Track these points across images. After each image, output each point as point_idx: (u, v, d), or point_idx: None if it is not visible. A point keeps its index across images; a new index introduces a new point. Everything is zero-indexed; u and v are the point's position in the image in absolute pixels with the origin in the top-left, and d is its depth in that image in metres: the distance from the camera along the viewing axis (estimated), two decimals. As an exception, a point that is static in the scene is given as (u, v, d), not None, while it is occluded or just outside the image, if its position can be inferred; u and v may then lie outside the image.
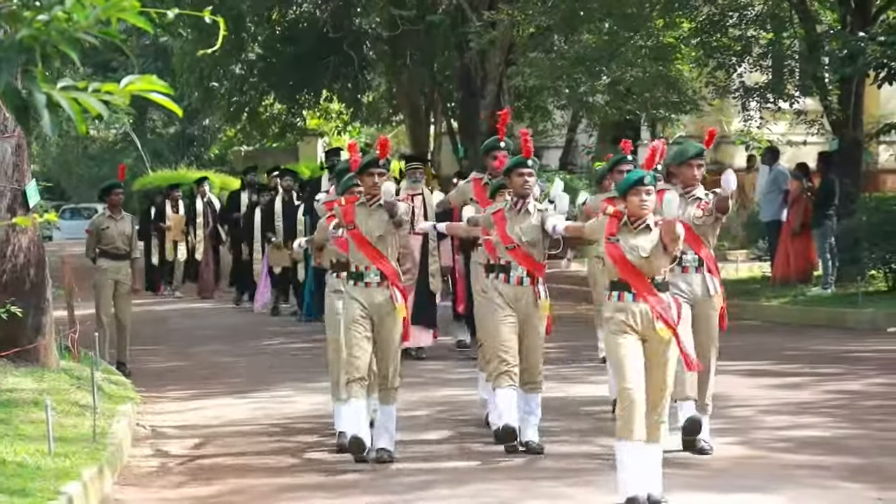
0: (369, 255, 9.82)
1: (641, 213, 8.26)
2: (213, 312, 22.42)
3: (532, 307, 10.05)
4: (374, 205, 9.88)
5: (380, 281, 9.82)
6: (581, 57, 23.33)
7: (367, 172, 9.92)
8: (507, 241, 10.06)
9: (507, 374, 9.91)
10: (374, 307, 9.80)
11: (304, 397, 13.11)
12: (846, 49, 19.65)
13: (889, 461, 9.56)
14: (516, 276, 10.06)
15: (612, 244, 8.28)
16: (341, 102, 33.33)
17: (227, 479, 9.57)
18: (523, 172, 10.15)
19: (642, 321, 8.16)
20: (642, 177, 8.27)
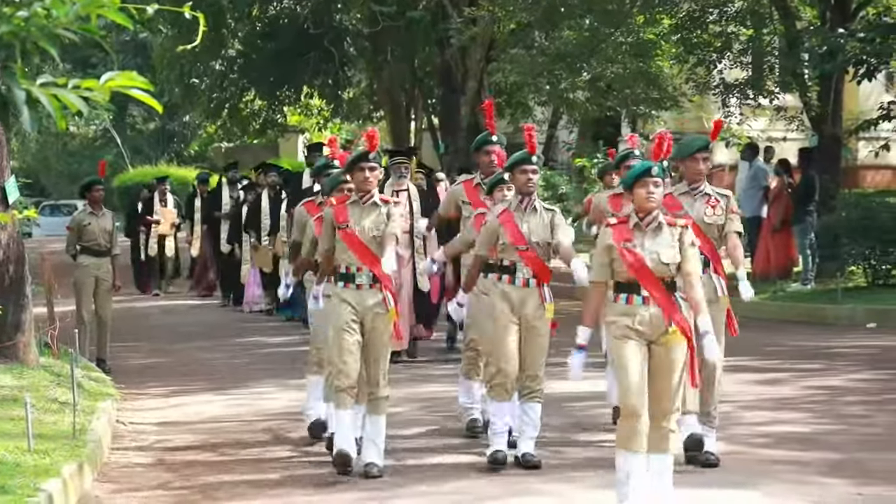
0: (361, 256, 9.30)
1: (649, 207, 7.80)
2: (193, 309, 22.38)
3: (538, 311, 9.43)
4: (368, 202, 9.40)
5: (371, 283, 9.31)
6: (561, 53, 23.38)
7: (358, 167, 9.39)
8: (521, 242, 9.40)
9: (504, 385, 9.38)
10: (365, 310, 9.28)
11: (283, 393, 13.10)
12: (826, 45, 19.71)
13: (868, 456, 9.59)
14: (522, 278, 9.43)
15: (630, 251, 7.78)
16: (322, 98, 33.31)
17: (207, 476, 9.56)
18: (527, 170, 9.49)
19: (651, 324, 7.72)
20: (649, 167, 7.82)
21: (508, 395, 9.41)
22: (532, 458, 9.37)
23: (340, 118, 36.39)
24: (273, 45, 29.63)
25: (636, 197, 7.84)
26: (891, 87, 28.41)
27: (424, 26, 26.53)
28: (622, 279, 7.81)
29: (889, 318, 17.53)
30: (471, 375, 10.60)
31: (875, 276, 19.41)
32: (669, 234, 7.84)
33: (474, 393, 10.55)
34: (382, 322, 9.33)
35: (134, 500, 8.95)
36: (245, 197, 21.66)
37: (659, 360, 7.74)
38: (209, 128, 40.20)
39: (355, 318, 9.27)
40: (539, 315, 9.43)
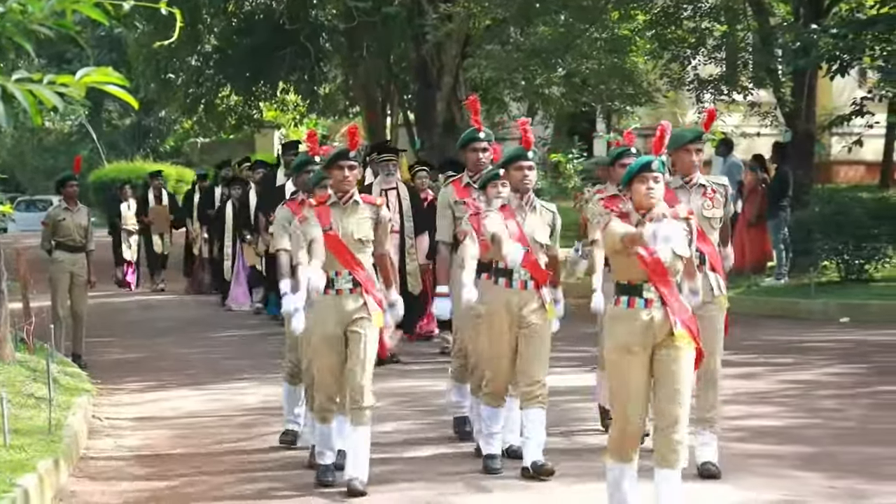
0: (343, 260, 8.70)
1: (649, 203, 7.28)
2: (170, 304, 22.34)
3: (538, 313, 8.90)
4: (348, 202, 8.81)
5: (352, 287, 8.71)
6: (537, 49, 23.39)
7: (337, 166, 8.79)
8: (523, 242, 8.82)
9: (499, 392, 9.02)
10: (346, 315, 8.67)
11: (259, 389, 13.09)
12: (799, 41, 19.75)
13: (842, 450, 9.63)
14: (520, 280, 8.89)
15: (646, 248, 7.17)
16: (298, 94, 33.25)
17: (183, 471, 9.55)
18: (523, 166, 8.95)
19: (653, 328, 7.21)
20: (649, 162, 7.33)
21: (503, 401, 9.09)
22: (544, 465, 8.79)
23: (316, 114, 36.34)
24: (249, 41, 29.56)
25: (635, 193, 7.35)
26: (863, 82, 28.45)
27: (400, 22, 26.49)
28: (623, 280, 7.31)
29: (862, 312, 17.60)
30: (462, 379, 10.11)
31: (848, 271, 19.47)
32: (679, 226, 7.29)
33: (466, 393, 10.06)
34: (365, 327, 8.67)
35: (110, 494, 8.93)
36: (230, 193, 21.11)
37: (665, 366, 7.23)
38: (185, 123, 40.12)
39: (337, 327, 8.68)
40: (540, 316, 8.90)
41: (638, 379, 7.24)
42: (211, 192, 22.94)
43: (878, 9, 19.84)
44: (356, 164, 8.92)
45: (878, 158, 33.54)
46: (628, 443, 7.34)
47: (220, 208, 21.53)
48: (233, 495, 8.79)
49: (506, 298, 8.88)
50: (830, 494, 8.29)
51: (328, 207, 8.79)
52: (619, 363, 7.25)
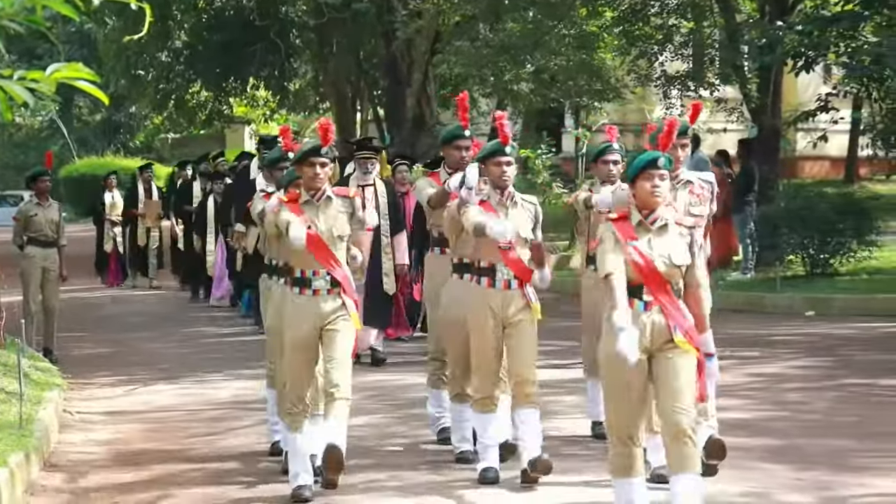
0: (321, 258, 8.22)
1: (653, 203, 6.91)
2: (143, 299, 22.25)
3: (524, 311, 8.49)
4: (321, 199, 8.32)
5: (330, 288, 8.24)
6: (506, 46, 23.42)
7: (308, 162, 8.29)
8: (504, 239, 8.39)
9: (490, 398, 8.58)
10: (323, 317, 8.22)
11: (231, 383, 13.06)
12: (765, 38, 19.81)
13: (808, 442, 9.66)
14: (503, 280, 8.47)
15: (638, 252, 6.87)
16: (268, 90, 33.19)
17: (154, 465, 9.52)
18: (501, 161, 8.52)
19: (652, 333, 6.84)
20: (655, 158, 6.94)
21: (495, 406, 8.60)
22: (542, 459, 8.33)
23: (286, 109, 36.28)
24: (219, 37, 29.49)
25: (639, 191, 6.94)
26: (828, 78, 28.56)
27: (370, 18, 26.47)
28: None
29: (827, 306, 17.67)
30: (438, 385, 9.65)
31: (813, 265, 19.54)
32: (678, 234, 6.99)
33: (444, 401, 9.55)
34: (342, 326, 8.22)
35: (81, 488, 8.89)
36: (212, 188, 20.50)
37: (664, 370, 6.84)
38: (155, 119, 39.97)
39: (312, 330, 8.22)
40: (525, 314, 8.50)
41: (637, 385, 6.85)
42: (189, 187, 22.43)
43: (843, 6, 19.90)
44: (328, 161, 8.41)
45: (842, 154, 33.70)
46: (631, 458, 6.92)
47: (202, 203, 20.98)
48: (204, 488, 8.76)
49: (489, 299, 8.47)
50: (797, 486, 8.31)
51: (301, 207, 8.28)
52: (618, 368, 6.75)
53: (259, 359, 13.91)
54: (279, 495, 8.45)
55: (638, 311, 6.82)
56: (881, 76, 18.95)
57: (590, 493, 8.22)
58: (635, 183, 6.97)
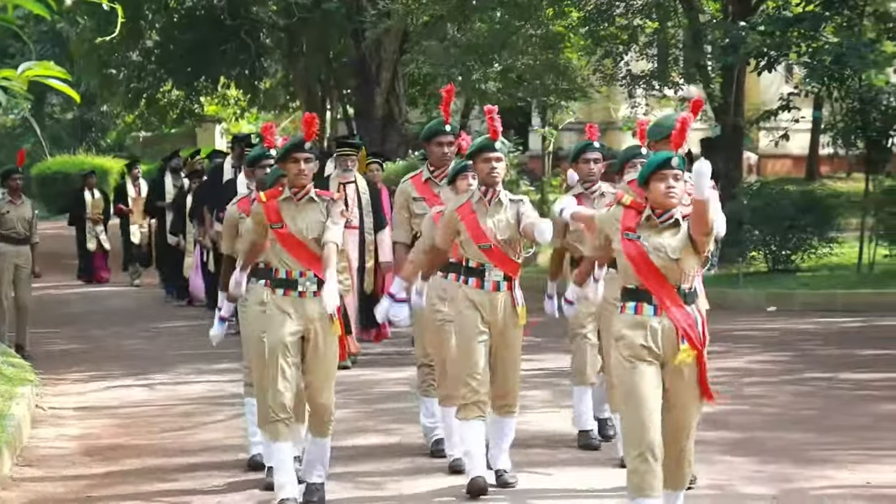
0: (304, 260, 7.74)
1: (668, 204, 6.57)
2: (114, 296, 22.16)
3: (509, 318, 8.14)
4: (303, 198, 7.83)
5: (316, 290, 7.71)
6: (473, 45, 23.42)
7: (292, 158, 7.80)
8: (482, 239, 8.05)
9: (477, 404, 8.10)
10: (309, 321, 7.72)
11: (202, 379, 13.04)
12: (728, 38, 19.89)
13: (769, 435, 9.71)
14: (492, 281, 8.09)
15: (631, 242, 6.60)
16: (238, 89, 33.14)
17: (126, 460, 9.50)
18: (490, 157, 8.11)
19: (664, 341, 6.52)
20: (668, 158, 6.61)
21: (483, 414, 8.15)
22: (508, 476, 8.19)
23: (257, 108, 36.22)
24: (190, 37, 29.41)
25: (653, 192, 6.60)
26: (790, 78, 28.72)
27: (339, 18, 26.45)
28: (630, 283, 6.62)
29: (788, 301, 17.76)
30: (429, 392, 9.20)
31: (775, 262, 19.63)
32: (686, 230, 6.62)
33: (435, 411, 9.13)
34: (329, 333, 7.78)
35: (53, 483, 8.86)
36: (189, 186, 19.95)
37: (673, 388, 6.59)
38: (127, 117, 39.81)
39: (295, 333, 7.73)
40: (511, 321, 8.13)
41: (651, 390, 6.50)
42: (161, 184, 21.91)
43: (804, 6, 20.01)
44: (312, 157, 7.90)
45: (804, 152, 33.84)
46: (652, 475, 6.47)
47: (178, 202, 20.29)
48: (175, 482, 8.75)
49: (476, 300, 8.10)
50: (758, 478, 8.35)
51: (279, 203, 7.82)
52: (630, 374, 6.49)
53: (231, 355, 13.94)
54: (249, 489, 8.45)
55: (648, 315, 6.54)
56: (841, 76, 19.06)
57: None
58: (648, 184, 6.61)
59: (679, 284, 6.58)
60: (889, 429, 10.07)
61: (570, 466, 8.76)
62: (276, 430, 7.70)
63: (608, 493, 7.97)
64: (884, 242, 19.23)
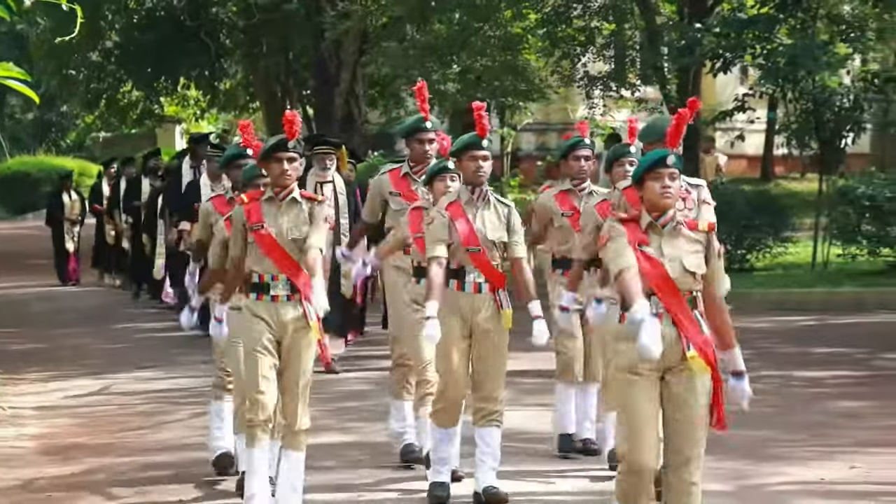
0: (280, 263, 7.43)
1: (664, 204, 6.21)
2: (75, 295, 22.04)
3: (493, 320, 7.73)
4: (286, 199, 7.49)
5: (290, 294, 7.43)
6: (432, 46, 23.42)
7: (274, 158, 7.44)
8: (474, 242, 7.71)
9: (448, 412, 7.83)
10: (283, 326, 7.42)
11: (163, 377, 12.99)
12: (684, 40, 19.96)
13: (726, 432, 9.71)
14: (473, 282, 7.73)
15: (647, 257, 6.17)
16: (198, 90, 33.02)
17: (86, 459, 9.46)
18: (477, 156, 7.76)
19: (667, 350, 6.06)
20: (664, 156, 6.25)
21: (455, 421, 7.87)
22: (496, 491, 7.74)
23: (217, 109, 36.12)
24: (150, 37, 29.28)
25: (648, 192, 6.24)
26: (745, 79, 28.84)
27: (299, 19, 26.40)
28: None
29: (744, 300, 17.77)
30: (401, 395, 8.91)
31: (731, 261, 19.70)
32: (692, 238, 6.30)
33: (406, 415, 8.83)
34: (304, 340, 7.45)
35: (13, 482, 8.81)
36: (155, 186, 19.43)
37: (677, 395, 6.20)
38: (87, 118, 39.64)
39: (271, 336, 7.43)
40: (495, 324, 7.73)
41: (648, 406, 6.15)
42: (137, 183, 21.20)
43: (759, 9, 20.11)
44: (296, 156, 7.52)
45: (758, 152, 33.99)
46: (643, 491, 6.20)
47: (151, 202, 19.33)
48: (135, 481, 8.71)
49: (457, 303, 7.72)
50: (716, 475, 8.36)
51: (261, 203, 7.51)
52: (626, 388, 6.15)
53: (191, 354, 13.91)
54: (208, 486, 8.42)
55: None
56: (795, 77, 19.15)
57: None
58: (643, 183, 6.27)
59: (686, 292, 6.24)
60: (842, 426, 10.13)
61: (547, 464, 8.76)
62: (253, 435, 7.41)
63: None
64: (837, 242, 19.32)
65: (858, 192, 18.66)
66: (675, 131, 6.50)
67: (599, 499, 7.80)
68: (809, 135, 20.16)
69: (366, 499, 8.09)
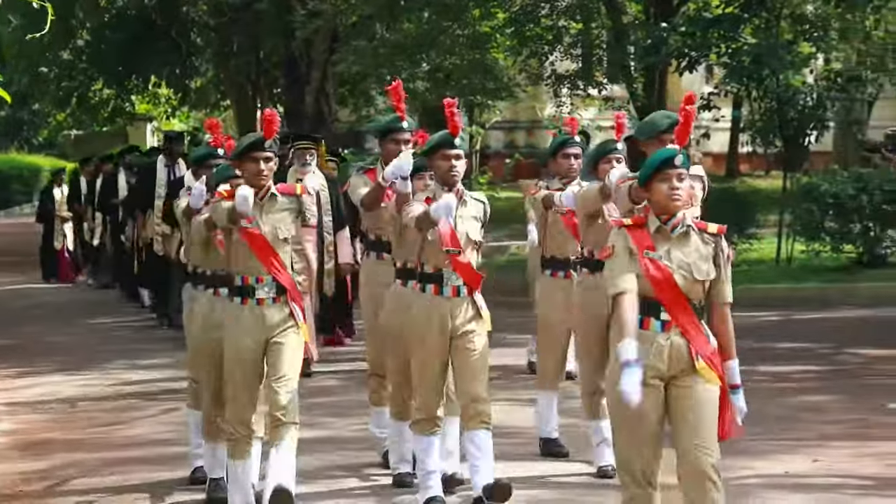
0: (266, 262, 7.13)
1: (672, 207, 5.86)
2: (44, 292, 21.92)
3: (473, 323, 7.39)
4: (264, 198, 7.22)
5: (276, 296, 7.16)
6: (402, 45, 23.40)
7: (250, 157, 7.18)
8: (455, 244, 7.33)
9: (430, 420, 7.48)
10: (268, 329, 7.14)
11: (133, 374, 12.94)
12: (650, 39, 19.99)
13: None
14: (452, 286, 7.34)
15: (654, 262, 5.83)
16: (169, 88, 32.93)
17: (56, 454, 9.42)
18: (449, 154, 7.37)
19: (671, 358, 5.82)
20: (671, 155, 5.90)
21: (438, 428, 7.51)
22: (497, 481, 7.37)
23: (188, 107, 36.02)
24: (121, 36, 29.18)
25: (655, 193, 5.89)
26: (710, 78, 28.90)
27: (269, 18, 26.34)
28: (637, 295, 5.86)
29: (709, 296, 17.88)
30: (381, 403, 8.62)
31: (696, 257, 19.77)
32: (701, 243, 5.96)
33: (386, 420, 8.52)
34: (291, 338, 7.17)
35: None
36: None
37: (683, 402, 5.85)
38: (58, 116, 39.47)
39: (256, 342, 7.14)
40: (474, 326, 7.38)
41: (652, 417, 5.83)
42: (114, 180, 20.67)
43: (724, 8, 20.17)
44: (272, 156, 7.29)
45: (724, 150, 34.09)
46: (650, 498, 5.94)
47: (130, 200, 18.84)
48: (107, 476, 8.67)
49: (436, 307, 7.36)
50: (680, 468, 8.39)
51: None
52: (630, 404, 5.70)
53: (162, 351, 13.87)
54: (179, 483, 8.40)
55: (655, 331, 5.83)
56: (760, 76, 19.22)
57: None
58: (650, 185, 5.90)
59: (699, 299, 5.91)
60: (806, 420, 10.17)
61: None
62: (236, 448, 7.19)
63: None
64: (801, 238, 19.38)
65: (822, 190, 18.72)
66: (684, 129, 6.19)
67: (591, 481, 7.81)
68: (774, 133, 20.23)
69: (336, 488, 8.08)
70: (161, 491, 8.27)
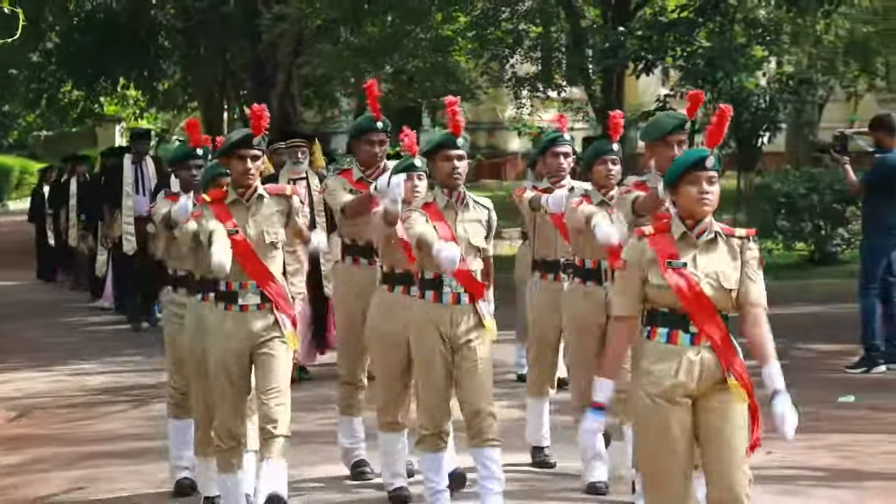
0: (251, 269, 6.70)
1: (701, 212, 5.35)
2: (15, 290, 21.81)
3: (474, 332, 6.84)
4: (251, 198, 6.77)
5: (260, 302, 6.72)
6: (366, 48, 23.43)
7: (237, 155, 6.71)
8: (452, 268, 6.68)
9: (437, 436, 6.94)
10: (253, 336, 6.71)
11: (106, 371, 12.90)
12: (608, 43, 20.06)
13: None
14: (452, 293, 6.81)
15: (677, 271, 5.33)
16: (138, 89, 32.81)
17: (29, 449, 9.39)
18: (451, 155, 6.85)
19: (701, 373, 5.32)
20: (703, 157, 5.36)
21: (445, 443, 6.97)
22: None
23: (156, 108, 35.93)
24: (89, 38, 29.07)
25: (682, 197, 5.36)
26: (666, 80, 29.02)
27: (236, 22, 26.30)
28: (661, 306, 5.35)
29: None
30: (351, 412, 8.16)
31: (653, 255, 19.85)
32: (728, 249, 5.45)
33: (357, 431, 8.15)
34: (278, 348, 6.72)
35: (-42, 474, 8.73)
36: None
37: (714, 424, 5.35)
38: (28, 117, 39.27)
39: (241, 350, 6.73)
40: (477, 335, 6.83)
41: (680, 433, 5.32)
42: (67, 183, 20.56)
43: (679, 13, 20.26)
44: (260, 154, 6.79)
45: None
46: None
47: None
48: (78, 471, 8.65)
49: (435, 316, 6.83)
50: (638, 460, 8.42)
51: (227, 207, 6.74)
52: (657, 417, 5.29)
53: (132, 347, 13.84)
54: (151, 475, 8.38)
55: (684, 345, 5.31)
56: (714, 78, 19.30)
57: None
58: (678, 188, 5.36)
59: (724, 311, 5.41)
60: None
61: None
62: (225, 461, 6.84)
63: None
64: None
65: (774, 189, 18.85)
66: (717, 129, 5.52)
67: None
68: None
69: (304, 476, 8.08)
70: (134, 484, 8.25)
